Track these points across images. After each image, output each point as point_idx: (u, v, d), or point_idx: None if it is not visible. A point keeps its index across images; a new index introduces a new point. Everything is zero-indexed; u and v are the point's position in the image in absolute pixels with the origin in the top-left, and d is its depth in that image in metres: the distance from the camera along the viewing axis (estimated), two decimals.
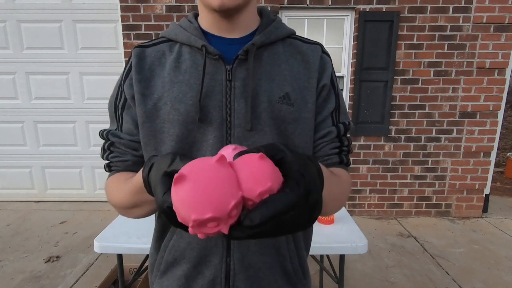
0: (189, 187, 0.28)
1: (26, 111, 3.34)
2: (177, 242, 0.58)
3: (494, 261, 2.41)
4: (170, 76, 0.55)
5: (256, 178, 0.29)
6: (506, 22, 2.84)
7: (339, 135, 0.60)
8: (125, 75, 0.58)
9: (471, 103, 3.00)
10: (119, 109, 0.59)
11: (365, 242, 1.32)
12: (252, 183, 0.29)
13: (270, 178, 0.30)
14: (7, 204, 3.45)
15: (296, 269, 0.62)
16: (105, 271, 2.11)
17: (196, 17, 0.61)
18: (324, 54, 0.61)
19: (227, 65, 0.55)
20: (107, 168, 0.61)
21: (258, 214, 0.28)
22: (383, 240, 2.73)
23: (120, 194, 0.53)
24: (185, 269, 0.58)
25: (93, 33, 3.17)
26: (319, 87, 0.59)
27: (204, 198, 0.27)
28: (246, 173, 0.30)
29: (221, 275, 0.57)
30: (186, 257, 0.58)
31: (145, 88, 0.56)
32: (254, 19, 0.59)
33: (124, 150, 0.59)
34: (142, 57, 0.58)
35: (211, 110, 0.54)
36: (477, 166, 3.14)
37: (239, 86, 0.55)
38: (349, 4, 2.84)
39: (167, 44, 0.59)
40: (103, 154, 0.61)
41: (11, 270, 2.23)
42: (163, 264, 0.60)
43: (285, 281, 0.61)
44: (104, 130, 0.60)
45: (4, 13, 3.13)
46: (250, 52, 0.54)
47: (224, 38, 0.58)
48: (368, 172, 3.15)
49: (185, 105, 0.54)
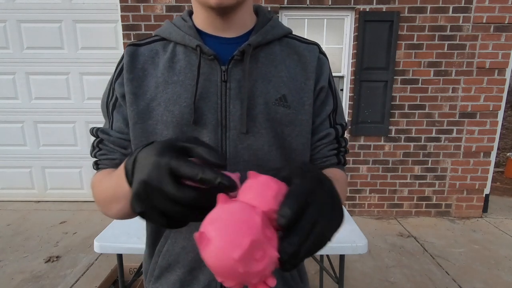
0: (215, 237, 0.27)
1: (26, 111, 3.34)
2: (171, 247, 0.57)
3: (494, 261, 2.41)
4: (164, 76, 0.54)
5: (262, 189, 0.30)
6: (506, 22, 2.84)
7: (337, 136, 0.61)
8: (116, 74, 0.56)
9: (471, 103, 3.00)
10: (110, 108, 0.58)
11: (365, 242, 1.32)
12: (260, 195, 0.29)
13: (274, 183, 0.30)
14: (7, 204, 3.45)
15: (293, 274, 0.61)
16: (105, 271, 2.11)
17: (191, 15, 0.59)
18: (321, 55, 0.61)
19: (223, 66, 0.54)
20: (95, 166, 0.59)
21: (289, 215, 0.28)
22: (383, 240, 2.73)
23: (100, 188, 0.50)
24: (179, 274, 0.57)
25: (93, 33, 3.17)
26: (317, 89, 0.59)
27: (233, 234, 0.26)
28: (252, 192, 0.30)
29: (216, 280, 0.56)
30: (180, 262, 0.57)
31: (137, 88, 0.54)
32: (250, 18, 0.58)
33: (112, 148, 0.57)
34: (135, 56, 0.56)
35: (205, 112, 0.53)
36: (477, 166, 3.14)
37: (235, 87, 0.53)
38: (349, 4, 2.84)
39: (161, 43, 0.57)
40: (92, 152, 0.59)
41: (11, 270, 2.23)
42: (157, 270, 0.59)
43: (282, 284, 0.60)
44: (94, 128, 0.58)
45: (4, 13, 3.13)
46: (246, 53, 0.53)
47: (219, 38, 0.56)
48: (368, 172, 3.15)
49: (179, 107, 0.52)
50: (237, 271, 0.26)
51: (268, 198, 0.29)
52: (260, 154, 0.54)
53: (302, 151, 0.58)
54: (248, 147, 0.54)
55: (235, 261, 0.26)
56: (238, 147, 0.54)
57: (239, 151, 0.54)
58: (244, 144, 0.54)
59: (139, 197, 0.32)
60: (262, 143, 0.54)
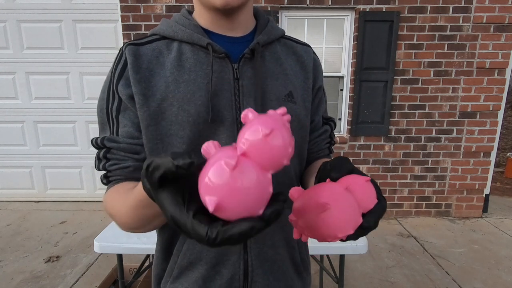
0: (334, 210, 0.33)
1: (26, 111, 3.34)
2: (192, 245, 0.56)
3: (494, 261, 2.41)
4: (174, 75, 0.53)
5: (368, 197, 0.37)
6: (506, 22, 2.84)
7: (331, 131, 0.69)
8: (117, 75, 0.53)
9: (471, 103, 3.00)
10: (113, 113, 0.54)
11: (365, 242, 1.32)
12: (368, 200, 0.37)
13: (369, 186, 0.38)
14: (7, 204, 3.45)
15: (303, 258, 0.66)
16: (105, 271, 2.11)
17: (190, 14, 0.59)
18: (315, 56, 0.66)
19: (234, 64, 0.54)
20: (105, 180, 0.55)
21: (371, 226, 0.35)
22: (383, 240, 2.73)
23: (123, 211, 0.46)
24: (202, 271, 0.57)
25: (93, 33, 3.17)
26: (315, 88, 0.64)
27: (347, 214, 0.34)
28: (359, 194, 0.36)
29: (239, 272, 0.57)
30: (203, 259, 0.57)
31: (145, 89, 0.52)
32: (252, 19, 0.60)
33: (123, 155, 0.53)
34: (138, 56, 0.53)
35: (221, 109, 0.53)
36: (477, 166, 3.14)
37: (247, 84, 0.55)
38: (349, 4, 2.84)
39: (163, 42, 0.56)
40: (98, 164, 0.54)
41: (11, 270, 2.23)
42: (176, 270, 0.58)
43: (293, 271, 0.63)
44: (97, 138, 0.54)
45: (4, 13, 3.13)
46: (257, 51, 0.54)
47: (226, 37, 0.57)
48: (368, 172, 3.14)
49: (194, 106, 0.52)
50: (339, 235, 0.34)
51: (369, 202, 0.37)
52: None
53: (301, 144, 0.62)
54: None
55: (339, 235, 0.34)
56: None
57: None
58: None
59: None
60: None
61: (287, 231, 0.60)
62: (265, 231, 0.57)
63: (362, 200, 0.36)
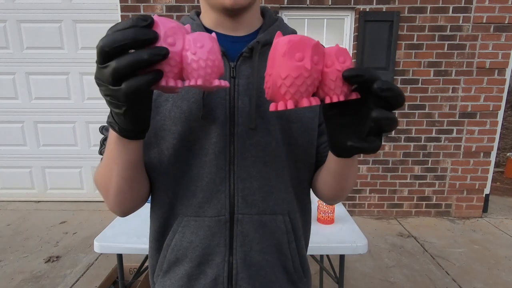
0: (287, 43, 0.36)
1: (26, 111, 3.34)
2: (179, 241, 0.58)
3: (494, 261, 2.41)
4: None
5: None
6: (506, 22, 2.84)
7: None
8: None
9: (471, 103, 3.01)
10: None
11: (365, 242, 1.32)
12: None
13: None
14: (7, 204, 3.45)
15: (297, 267, 0.62)
16: (105, 271, 2.11)
17: (198, 15, 0.60)
18: None
19: (231, 62, 0.54)
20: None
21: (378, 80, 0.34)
22: (383, 240, 2.73)
23: (101, 172, 0.51)
24: (187, 268, 0.58)
25: (93, 33, 3.17)
26: None
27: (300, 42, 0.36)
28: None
29: (223, 274, 0.57)
30: (188, 256, 0.57)
31: None
32: (258, 18, 0.60)
33: None
34: None
35: (214, 107, 0.53)
36: (477, 166, 3.14)
37: (243, 83, 0.54)
38: (349, 4, 2.84)
39: None
40: (100, 149, 0.59)
41: (11, 270, 2.23)
42: (166, 264, 0.60)
43: (286, 279, 0.61)
44: (104, 126, 0.58)
45: (4, 13, 3.13)
46: (255, 49, 0.54)
47: (228, 36, 0.57)
48: (368, 172, 3.15)
49: (187, 102, 0.53)
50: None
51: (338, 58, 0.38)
52: (268, 150, 0.55)
53: (307, 148, 0.59)
54: (257, 143, 0.54)
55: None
56: (246, 142, 0.54)
57: (247, 147, 0.54)
58: (253, 140, 0.54)
59: (102, 73, 0.33)
60: (270, 139, 0.55)
61: (277, 238, 0.58)
62: (253, 236, 0.57)
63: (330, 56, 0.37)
